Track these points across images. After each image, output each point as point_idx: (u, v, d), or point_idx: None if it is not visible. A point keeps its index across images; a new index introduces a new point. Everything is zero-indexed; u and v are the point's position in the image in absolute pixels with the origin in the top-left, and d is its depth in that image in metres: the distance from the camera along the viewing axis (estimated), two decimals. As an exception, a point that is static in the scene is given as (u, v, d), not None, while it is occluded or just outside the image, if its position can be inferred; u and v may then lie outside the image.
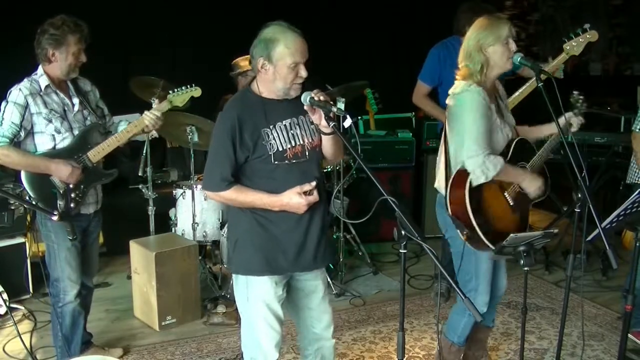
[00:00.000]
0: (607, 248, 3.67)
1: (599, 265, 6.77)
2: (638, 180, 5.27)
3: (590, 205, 3.70)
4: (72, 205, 4.50)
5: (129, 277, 5.77)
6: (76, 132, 4.51)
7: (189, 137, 5.91)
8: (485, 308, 4.38)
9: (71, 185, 4.46)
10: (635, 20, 10.38)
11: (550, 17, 10.63)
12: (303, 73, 3.51)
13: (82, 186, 4.53)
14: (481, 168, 3.91)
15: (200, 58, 7.75)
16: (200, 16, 7.86)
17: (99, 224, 4.87)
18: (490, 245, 3.97)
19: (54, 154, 4.43)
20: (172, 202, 6.42)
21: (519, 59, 4.14)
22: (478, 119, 3.94)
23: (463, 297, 2.93)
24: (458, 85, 4.11)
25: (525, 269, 3.83)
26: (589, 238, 3.77)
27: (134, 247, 5.68)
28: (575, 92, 4.38)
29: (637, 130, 5.14)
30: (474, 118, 3.95)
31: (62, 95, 4.50)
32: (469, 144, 3.94)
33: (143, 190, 6.36)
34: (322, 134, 3.65)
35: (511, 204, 4.18)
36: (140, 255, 5.64)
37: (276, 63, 3.47)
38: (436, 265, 2.97)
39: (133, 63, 7.50)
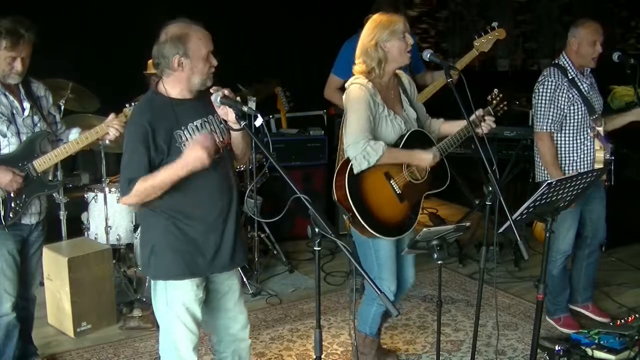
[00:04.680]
0: (519, 240, 3.76)
1: (511, 256, 6.91)
2: (547, 178, 5.34)
3: (501, 198, 3.77)
4: (10, 214, 4.27)
5: (42, 284, 5.63)
6: (24, 138, 4.29)
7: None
8: (391, 297, 4.49)
9: (12, 194, 4.24)
10: (540, 17, 10.64)
11: (458, 14, 10.79)
12: (214, 61, 3.54)
13: (23, 196, 4.30)
14: (362, 154, 4.10)
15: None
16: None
17: (42, 235, 4.64)
18: (369, 229, 4.17)
19: None
20: (84, 205, 6.31)
21: (428, 55, 4.24)
22: (358, 109, 4.18)
23: (378, 293, 2.95)
24: (349, 80, 4.36)
25: (439, 262, 3.90)
26: (500, 230, 3.84)
27: (46, 252, 5.52)
28: (495, 91, 4.52)
29: (542, 129, 5.26)
30: (355, 109, 4.19)
31: (11, 98, 4.28)
32: (349, 133, 4.15)
33: (54, 194, 6.21)
34: (231, 130, 3.63)
35: (398, 192, 4.31)
36: (52, 261, 5.51)
37: (193, 57, 3.47)
38: (351, 261, 2.99)
39: (113, 62, 7.38)
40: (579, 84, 5.20)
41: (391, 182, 4.30)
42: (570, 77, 5.19)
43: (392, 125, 4.30)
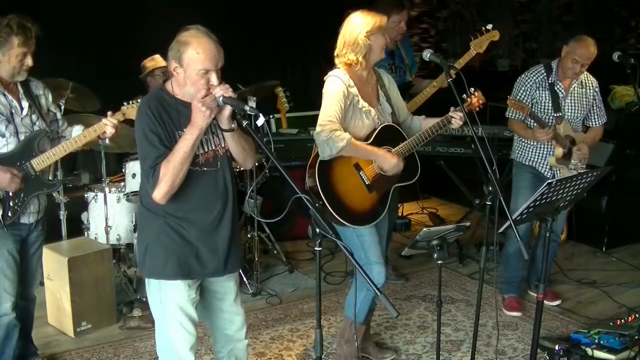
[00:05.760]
0: (518, 239, 3.76)
1: (511, 256, 6.89)
2: (512, 156, 5.83)
3: (501, 198, 3.78)
4: (9, 214, 4.26)
5: (42, 284, 5.63)
6: (22, 137, 4.28)
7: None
8: (382, 278, 4.55)
9: (10, 193, 4.23)
10: (540, 17, 10.65)
11: (458, 13, 10.79)
12: (214, 81, 3.42)
13: (22, 195, 4.29)
14: (326, 142, 4.24)
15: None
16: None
17: (41, 235, 4.63)
18: (337, 217, 4.27)
19: None
20: (84, 205, 6.31)
21: (428, 55, 4.27)
22: (331, 101, 4.33)
23: (379, 294, 2.96)
24: (329, 73, 4.50)
25: (439, 262, 3.90)
26: (500, 230, 3.85)
27: (46, 252, 5.52)
28: (471, 89, 4.59)
29: (509, 116, 5.62)
30: (329, 100, 4.34)
31: (10, 97, 4.27)
32: (319, 120, 4.30)
33: (54, 194, 6.21)
34: (222, 131, 3.58)
35: (367, 183, 4.42)
36: (52, 261, 5.51)
37: (186, 67, 3.41)
38: (350, 261, 2.99)
39: (113, 62, 7.39)
40: (556, 88, 5.44)
41: (360, 173, 4.42)
42: (551, 81, 5.44)
43: (366, 117, 4.43)
